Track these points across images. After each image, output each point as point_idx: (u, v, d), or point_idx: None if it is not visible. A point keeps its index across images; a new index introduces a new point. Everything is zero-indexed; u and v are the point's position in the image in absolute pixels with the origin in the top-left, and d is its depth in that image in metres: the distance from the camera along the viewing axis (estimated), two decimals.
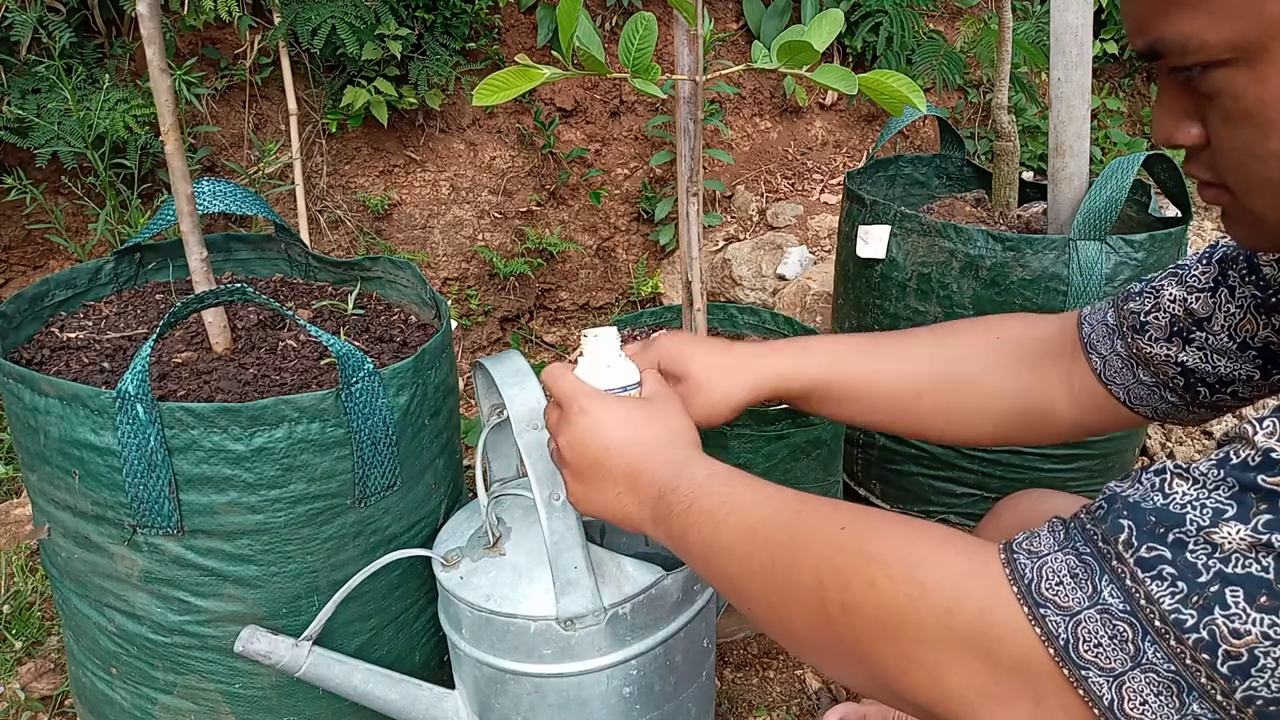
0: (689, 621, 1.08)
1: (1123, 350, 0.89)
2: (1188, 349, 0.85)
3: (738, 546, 0.69)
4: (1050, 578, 0.54)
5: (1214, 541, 0.49)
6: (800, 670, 1.57)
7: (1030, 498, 1.10)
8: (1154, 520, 0.52)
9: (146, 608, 1.08)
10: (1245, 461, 0.50)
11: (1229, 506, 0.49)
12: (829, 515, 0.65)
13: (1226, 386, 0.86)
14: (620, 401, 0.85)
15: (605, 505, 0.82)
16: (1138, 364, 0.89)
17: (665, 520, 0.76)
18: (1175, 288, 0.87)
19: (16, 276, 2.34)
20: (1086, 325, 0.93)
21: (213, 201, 1.30)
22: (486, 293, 2.71)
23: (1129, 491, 0.54)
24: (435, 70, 2.42)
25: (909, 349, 0.98)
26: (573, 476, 0.84)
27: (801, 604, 0.63)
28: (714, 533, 0.71)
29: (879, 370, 0.96)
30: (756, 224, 2.94)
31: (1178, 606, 0.49)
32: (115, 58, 2.24)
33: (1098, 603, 0.52)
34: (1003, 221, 1.81)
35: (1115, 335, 0.90)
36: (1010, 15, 1.78)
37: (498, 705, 1.07)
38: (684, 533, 0.73)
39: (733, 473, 0.75)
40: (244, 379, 1.16)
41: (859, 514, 0.65)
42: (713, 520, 0.71)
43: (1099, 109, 3.34)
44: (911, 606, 0.57)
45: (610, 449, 0.80)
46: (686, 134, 1.43)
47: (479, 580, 1.05)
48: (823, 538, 0.63)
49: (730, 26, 2.95)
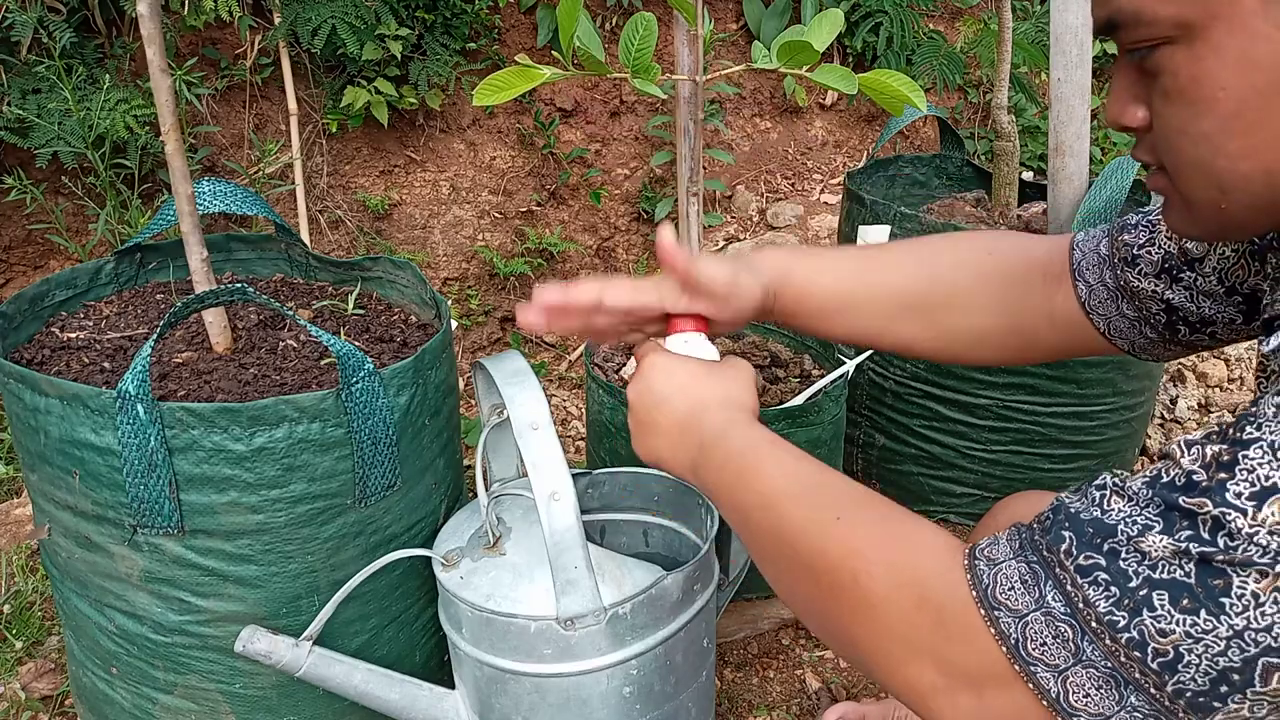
0: (689, 621, 1.08)
1: (1110, 281, 0.90)
2: (1175, 287, 0.86)
3: (756, 512, 0.74)
4: (1004, 583, 0.59)
5: (1142, 550, 0.54)
6: (800, 670, 1.57)
7: (1029, 499, 1.10)
8: (1091, 531, 0.56)
9: (147, 607, 1.08)
10: (1172, 482, 0.54)
11: (1155, 522, 0.54)
12: (832, 502, 0.70)
13: (1206, 327, 0.86)
14: (687, 359, 0.89)
15: (654, 450, 0.86)
16: (1122, 296, 0.89)
17: (703, 470, 0.80)
18: None
19: (17, 276, 2.34)
20: (1078, 252, 0.92)
21: (213, 201, 1.30)
22: (487, 293, 2.72)
23: (1074, 503, 0.59)
24: (435, 70, 2.42)
25: (900, 259, 0.97)
26: (634, 423, 0.88)
27: (800, 579, 0.69)
28: (742, 494, 0.75)
29: (870, 279, 0.96)
30: (756, 224, 2.94)
31: (1111, 609, 0.54)
32: (116, 58, 2.24)
33: (1043, 606, 0.57)
34: (1003, 221, 1.81)
35: (1105, 265, 0.90)
36: (1010, 15, 1.78)
37: (498, 705, 1.07)
38: (716, 487, 0.79)
39: (774, 440, 0.78)
40: (244, 379, 1.16)
41: (857, 504, 0.69)
42: (742, 481, 0.76)
43: (1099, 109, 3.34)
44: (885, 604, 0.63)
45: (668, 398, 0.85)
46: (686, 134, 1.44)
47: (479, 580, 1.05)
48: (821, 524, 0.68)
49: (730, 26, 2.95)
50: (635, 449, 0.89)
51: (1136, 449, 1.89)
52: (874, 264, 0.97)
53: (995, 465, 1.73)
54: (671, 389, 0.86)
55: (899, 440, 1.79)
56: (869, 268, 0.97)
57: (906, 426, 1.77)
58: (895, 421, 1.79)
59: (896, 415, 1.78)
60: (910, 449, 1.79)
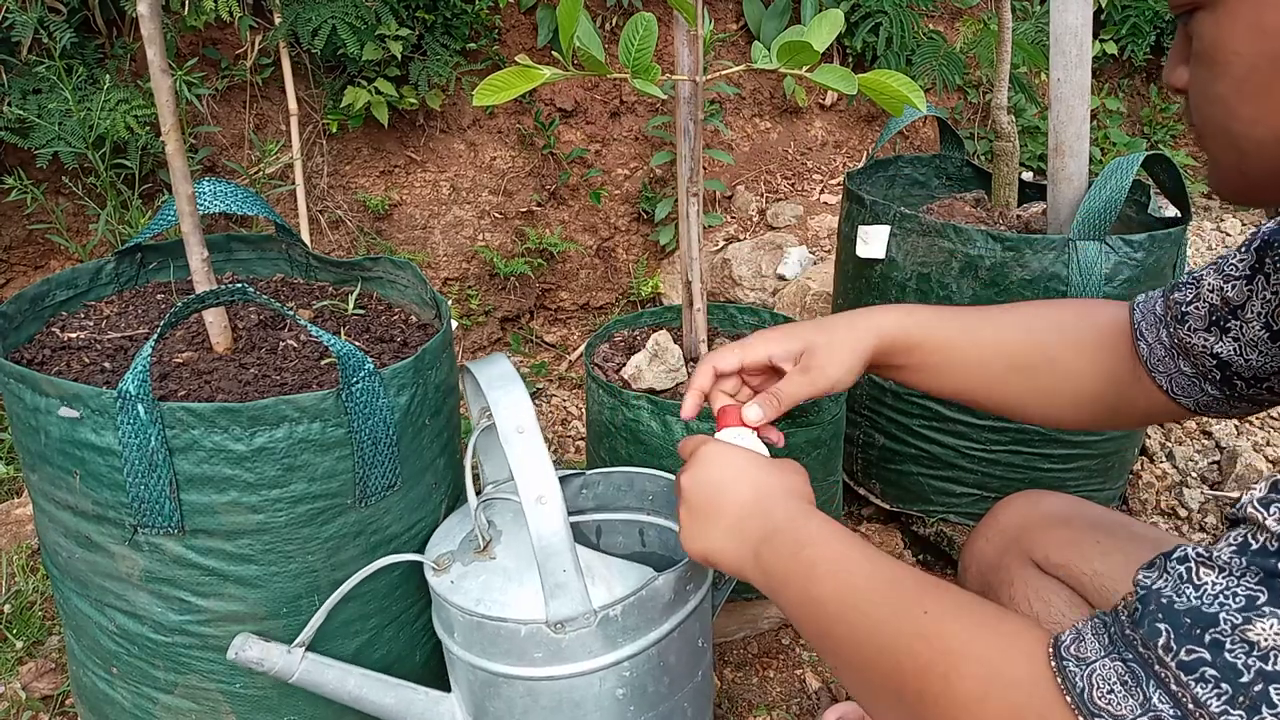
0: (682, 622, 1.08)
1: (1166, 339, 0.91)
2: (1224, 339, 0.86)
3: (831, 605, 0.72)
4: (1101, 686, 0.55)
5: (1250, 640, 0.50)
6: (800, 670, 1.57)
7: (1028, 498, 1.10)
8: (1189, 622, 0.53)
9: (147, 607, 1.08)
10: (1264, 547, 0.51)
11: (1259, 593, 0.50)
12: (917, 597, 0.68)
13: (1262, 382, 0.86)
14: (743, 451, 0.89)
15: (711, 542, 0.85)
16: (1179, 354, 0.90)
17: (767, 561, 0.79)
18: (1214, 277, 0.88)
19: (17, 276, 2.34)
20: (1137, 312, 0.94)
21: (213, 202, 1.30)
22: (487, 293, 2.72)
23: (1160, 586, 0.55)
24: (436, 71, 2.42)
25: (1004, 322, 0.98)
26: (686, 513, 0.87)
27: (881, 677, 0.67)
28: (813, 586, 0.74)
29: (978, 338, 0.97)
30: (756, 224, 2.94)
31: (1225, 708, 0.50)
32: (116, 58, 2.24)
33: (1149, 710, 0.53)
34: (1002, 221, 1.81)
35: (1161, 324, 0.92)
36: (1010, 16, 1.78)
37: (492, 708, 1.07)
38: (785, 578, 0.77)
39: (842, 531, 0.77)
40: (245, 379, 1.16)
41: (942, 598, 0.67)
42: (814, 573, 0.74)
43: (1098, 109, 3.34)
44: (980, 707, 0.60)
45: (731, 483, 0.85)
46: (686, 134, 1.44)
47: (469, 584, 1.05)
48: (908, 621, 0.66)
49: (730, 27, 2.95)
50: (685, 540, 0.87)
51: (1136, 449, 1.89)
52: (980, 322, 0.98)
53: (995, 465, 1.73)
54: (733, 475, 0.85)
55: (899, 440, 1.80)
56: (976, 325, 0.98)
57: (906, 426, 1.77)
58: (895, 421, 1.79)
59: (896, 415, 1.78)
60: (910, 449, 1.79)
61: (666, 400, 1.40)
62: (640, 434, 1.40)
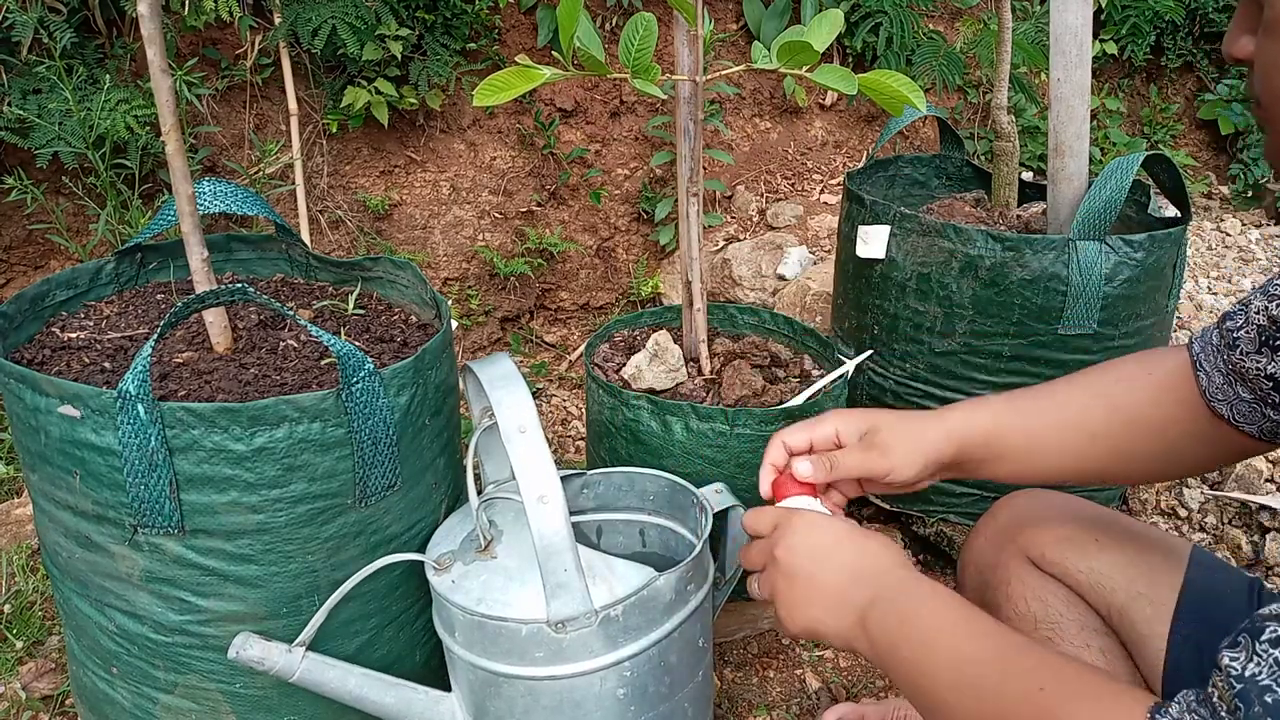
0: (683, 622, 1.08)
1: (1223, 367, 0.91)
2: (1275, 359, 0.86)
3: (944, 674, 0.72)
4: None
5: None
6: (800, 670, 1.57)
7: (1028, 497, 1.10)
8: None
9: (147, 607, 1.08)
10: None
11: None
12: (1033, 670, 0.68)
13: None
14: (840, 519, 0.88)
15: (811, 614, 0.84)
16: (1236, 379, 0.90)
17: (875, 629, 0.78)
18: (1261, 299, 0.88)
19: (17, 276, 2.34)
20: (1196, 345, 0.94)
21: (213, 202, 1.30)
22: (487, 293, 2.72)
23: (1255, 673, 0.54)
24: (436, 71, 2.42)
25: (1069, 394, 0.97)
26: (786, 582, 0.86)
27: None
28: (925, 654, 0.74)
29: (1048, 418, 0.96)
30: (756, 224, 2.94)
31: None
32: (116, 58, 2.24)
33: None
34: (1002, 221, 1.81)
35: (1217, 353, 0.91)
36: (1010, 15, 1.78)
37: (492, 708, 1.07)
38: (894, 646, 0.77)
39: (951, 596, 0.78)
40: (245, 379, 1.16)
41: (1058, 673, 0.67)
42: (926, 642, 0.74)
43: (1098, 109, 3.34)
44: None
45: (833, 550, 0.84)
46: (686, 134, 1.44)
47: (470, 584, 1.05)
48: (1024, 694, 0.67)
49: (730, 27, 2.96)
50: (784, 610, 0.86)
51: None
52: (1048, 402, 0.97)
53: None
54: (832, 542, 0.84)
55: None
56: (1046, 407, 0.97)
57: None
58: None
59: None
60: None
61: (666, 400, 1.40)
62: (640, 434, 1.40)
